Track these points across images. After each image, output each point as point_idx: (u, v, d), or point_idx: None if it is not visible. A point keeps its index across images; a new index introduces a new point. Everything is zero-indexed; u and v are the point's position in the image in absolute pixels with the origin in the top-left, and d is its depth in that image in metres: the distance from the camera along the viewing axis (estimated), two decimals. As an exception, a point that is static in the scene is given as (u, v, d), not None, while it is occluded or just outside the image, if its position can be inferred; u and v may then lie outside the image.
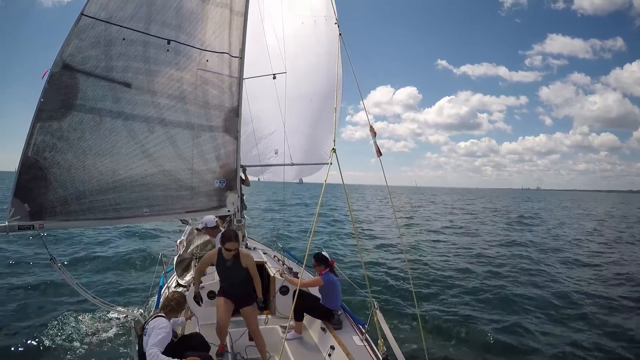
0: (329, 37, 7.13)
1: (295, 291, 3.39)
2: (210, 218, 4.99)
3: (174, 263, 5.75)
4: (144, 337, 3.08)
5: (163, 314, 3.23)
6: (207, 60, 4.22)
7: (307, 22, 7.04)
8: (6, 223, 2.98)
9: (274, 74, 6.22)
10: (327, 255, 4.49)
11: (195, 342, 3.43)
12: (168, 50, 3.83)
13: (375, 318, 3.77)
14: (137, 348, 3.39)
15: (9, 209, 2.99)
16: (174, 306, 3.32)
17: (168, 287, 5.10)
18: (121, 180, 3.69)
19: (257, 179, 7.87)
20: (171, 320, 3.31)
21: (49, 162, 3.15)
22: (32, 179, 3.08)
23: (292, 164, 6.96)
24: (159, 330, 2.99)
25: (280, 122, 6.71)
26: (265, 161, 7.19)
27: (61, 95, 3.16)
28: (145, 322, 3.22)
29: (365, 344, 3.85)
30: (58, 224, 3.32)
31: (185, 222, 6.97)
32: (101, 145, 3.50)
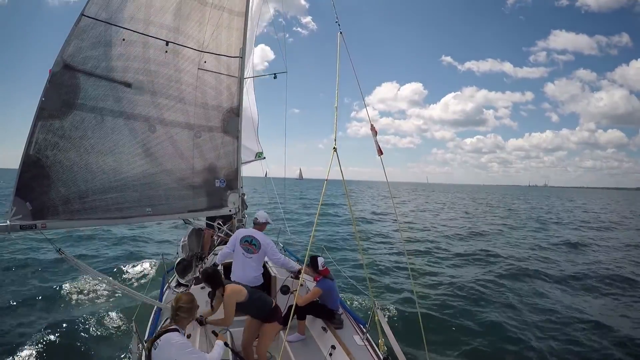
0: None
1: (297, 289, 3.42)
2: (262, 213, 4.79)
3: (175, 263, 5.78)
4: (153, 351, 2.76)
5: (176, 326, 2.89)
6: (205, 62, 4.25)
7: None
8: (7, 222, 2.92)
9: (274, 74, 6.25)
10: (320, 263, 4.41)
11: None
12: (167, 51, 3.87)
13: (376, 318, 3.74)
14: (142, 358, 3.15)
15: (11, 208, 2.94)
16: (182, 315, 2.95)
17: (169, 287, 5.12)
18: (124, 179, 3.70)
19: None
20: (186, 327, 3.03)
21: (51, 160, 3.14)
22: (33, 177, 3.07)
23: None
24: (187, 353, 2.69)
25: None
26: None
27: (62, 95, 3.18)
28: (155, 337, 2.86)
29: (366, 343, 3.83)
30: (61, 223, 3.29)
31: (187, 222, 6.96)
32: (103, 144, 3.51)
